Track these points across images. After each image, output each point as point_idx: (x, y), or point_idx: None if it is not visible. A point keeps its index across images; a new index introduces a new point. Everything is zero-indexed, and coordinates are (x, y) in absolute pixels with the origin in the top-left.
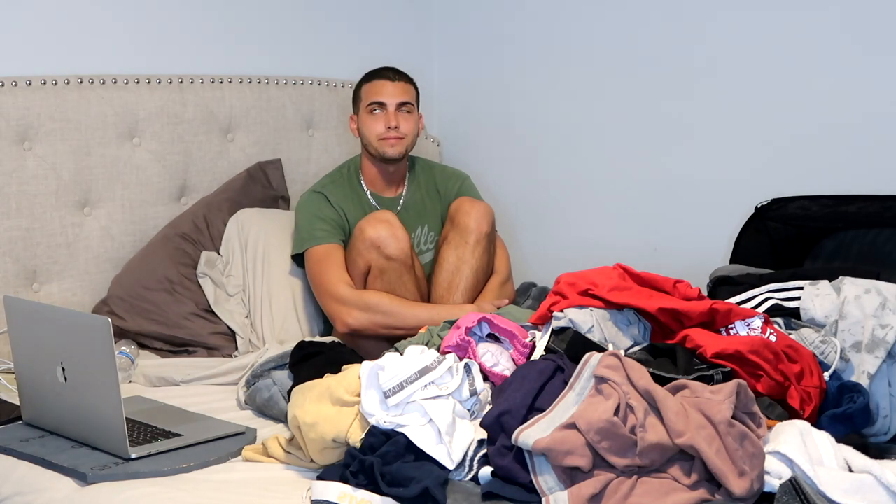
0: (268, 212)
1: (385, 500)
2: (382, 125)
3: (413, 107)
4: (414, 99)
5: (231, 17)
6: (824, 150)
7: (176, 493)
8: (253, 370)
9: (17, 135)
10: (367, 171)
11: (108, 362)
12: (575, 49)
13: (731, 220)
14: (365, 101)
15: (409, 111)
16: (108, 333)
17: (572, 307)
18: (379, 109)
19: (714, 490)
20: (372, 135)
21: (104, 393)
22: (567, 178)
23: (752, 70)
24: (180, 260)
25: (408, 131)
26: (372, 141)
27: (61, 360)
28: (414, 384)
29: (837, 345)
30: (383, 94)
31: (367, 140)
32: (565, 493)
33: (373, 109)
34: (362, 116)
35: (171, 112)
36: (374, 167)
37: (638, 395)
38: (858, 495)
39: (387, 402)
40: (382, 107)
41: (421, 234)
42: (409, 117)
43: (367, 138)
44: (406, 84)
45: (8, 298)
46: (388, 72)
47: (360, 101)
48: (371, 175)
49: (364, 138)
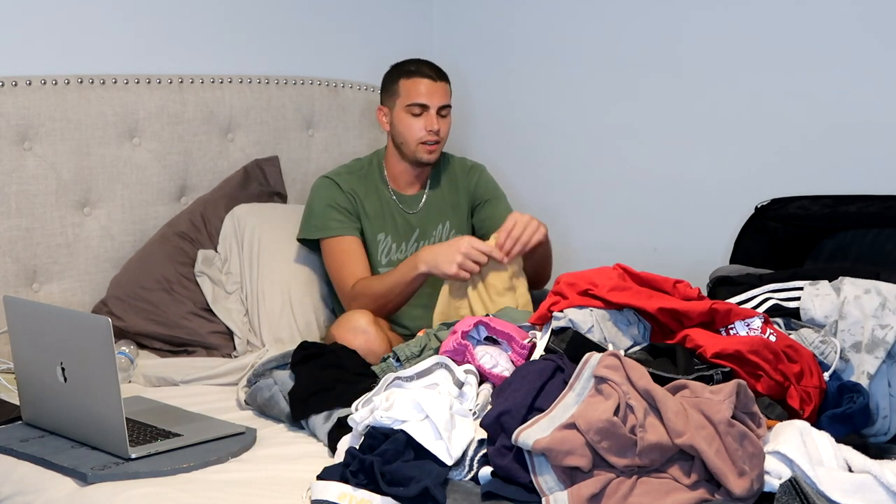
0: (264, 206)
1: (385, 499)
2: (423, 129)
3: (450, 108)
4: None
5: (231, 17)
6: (824, 150)
7: (176, 493)
8: (255, 369)
9: (17, 135)
10: (393, 168)
11: (108, 362)
12: (575, 49)
13: (731, 220)
14: (405, 99)
15: (447, 114)
16: (109, 333)
17: (572, 307)
18: (420, 110)
19: (714, 490)
20: (412, 137)
21: (104, 393)
22: (567, 178)
23: (753, 70)
24: (178, 259)
25: (445, 135)
26: (410, 143)
27: (61, 360)
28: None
29: (837, 345)
30: (428, 97)
31: (404, 140)
32: (565, 493)
33: (414, 110)
34: (399, 114)
35: (171, 112)
36: (402, 165)
37: (638, 395)
38: (858, 495)
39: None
40: (425, 108)
41: (441, 231)
42: (447, 120)
43: (403, 138)
44: (447, 84)
45: (8, 298)
46: (430, 69)
47: (397, 97)
48: (396, 172)
49: (399, 137)
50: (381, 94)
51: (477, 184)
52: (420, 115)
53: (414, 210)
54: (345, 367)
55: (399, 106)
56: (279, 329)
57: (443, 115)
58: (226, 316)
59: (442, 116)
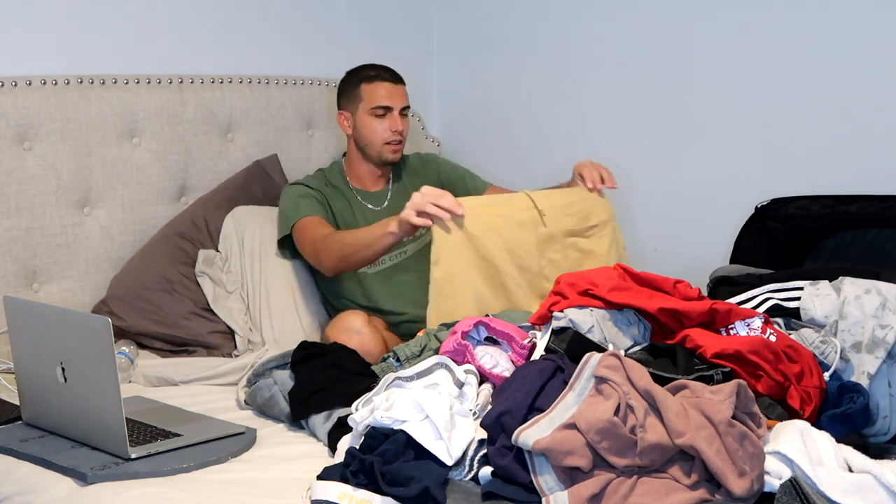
0: (264, 208)
1: (385, 499)
2: (388, 130)
3: (409, 109)
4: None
5: (231, 17)
6: (824, 150)
7: (176, 493)
8: (254, 369)
9: (17, 135)
10: (356, 170)
11: (108, 362)
12: (575, 49)
13: (731, 220)
14: (369, 103)
15: (407, 114)
16: (109, 333)
17: (572, 307)
18: (383, 112)
19: (714, 490)
20: (377, 138)
21: (104, 393)
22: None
23: (753, 70)
24: (179, 259)
25: (406, 134)
26: (375, 144)
27: (61, 360)
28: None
29: (837, 345)
30: (391, 99)
31: (368, 142)
32: (565, 493)
33: (377, 112)
34: (363, 117)
35: (171, 112)
36: (365, 166)
37: (638, 395)
38: (858, 495)
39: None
40: (388, 110)
41: None
42: (407, 120)
43: (367, 140)
44: (405, 87)
45: (7, 298)
46: (388, 73)
47: (360, 101)
48: (360, 174)
49: (364, 139)
50: (340, 100)
51: (439, 170)
52: (383, 116)
53: (381, 206)
54: (345, 366)
55: (362, 109)
56: (280, 328)
57: (404, 115)
58: (227, 315)
59: (403, 116)
